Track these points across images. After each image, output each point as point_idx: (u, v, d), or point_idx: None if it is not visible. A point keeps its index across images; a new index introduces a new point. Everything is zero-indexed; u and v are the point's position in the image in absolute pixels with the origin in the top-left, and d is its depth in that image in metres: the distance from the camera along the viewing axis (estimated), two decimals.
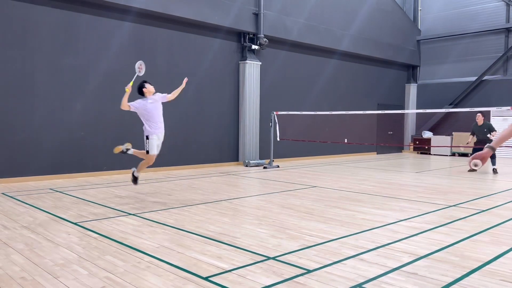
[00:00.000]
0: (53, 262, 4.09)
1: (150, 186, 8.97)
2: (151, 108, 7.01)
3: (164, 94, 7.23)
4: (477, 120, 12.29)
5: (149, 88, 7.07)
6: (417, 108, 19.96)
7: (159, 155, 7.36)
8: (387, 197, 7.79)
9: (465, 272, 3.82)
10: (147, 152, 7.10)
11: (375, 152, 18.75)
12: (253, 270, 3.87)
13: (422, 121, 20.07)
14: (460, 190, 8.75)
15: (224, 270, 3.87)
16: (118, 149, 7.45)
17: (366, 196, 7.93)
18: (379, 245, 4.68)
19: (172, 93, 7.37)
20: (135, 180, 7.37)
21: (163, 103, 7.31)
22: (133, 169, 7.40)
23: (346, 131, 16.60)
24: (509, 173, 12.08)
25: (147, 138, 7.09)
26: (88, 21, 10.19)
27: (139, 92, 7.09)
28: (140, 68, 7.28)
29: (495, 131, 12.10)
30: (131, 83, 6.94)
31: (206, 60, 12.53)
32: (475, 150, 12.36)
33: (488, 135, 12.04)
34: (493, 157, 12.24)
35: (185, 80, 7.59)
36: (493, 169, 12.04)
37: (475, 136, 12.41)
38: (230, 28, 12.71)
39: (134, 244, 4.68)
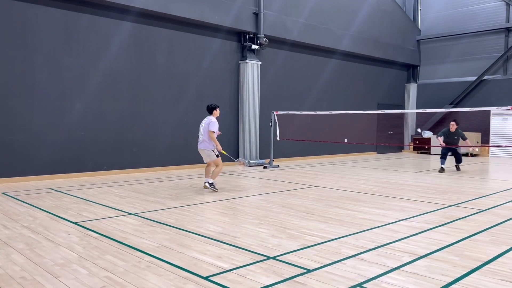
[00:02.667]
0: (53, 261, 4.09)
1: (150, 186, 8.97)
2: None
3: (211, 127, 8.13)
4: (450, 127, 12.17)
5: (218, 112, 8.48)
6: (417, 108, 19.96)
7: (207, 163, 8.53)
8: (387, 197, 7.79)
9: (465, 272, 3.83)
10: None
11: (375, 152, 18.76)
12: (253, 270, 3.87)
13: (422, 121, 20.07)
14: (460, 189, 8.75)
15: (224, 270, 3.87)
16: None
17: (366, 195, 7.93)
18: (379, 244, 4.68)
19: (212, 134, 8.14)
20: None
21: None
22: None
23: (346, 130, 16.60)
24: (509, 173, 12.08)
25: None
26: (88, 21, 10.19)
27: (212, 111, 8.36)
28: (241, 163, 8.54)
29: (466, 139, 12.24)
30: (225, 152, 8.65)
31: (206, 60, 12.53)
32: (447, 150, 12.30)
33: (458, 143, 12.21)
34: (458, 161, 12.31)
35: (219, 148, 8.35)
36: (456, 165, 12.30)
37: (442, 138, 12.22)
38: (230, 28, 12.71)
39: (134, 244, 4.68)
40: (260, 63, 13.61)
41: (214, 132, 8.05)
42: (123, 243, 4.70)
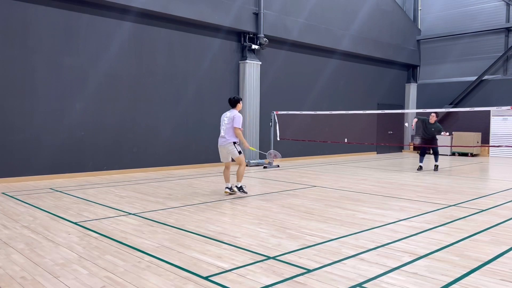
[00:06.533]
0: (53, 261, 4.09)
1: (150, 186, 8.97)
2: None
3: (236, 123, 7.58)
4: (430, 118, 12.34)
5: (241, 106, 7.98)
6: (417, 108, 19.96)
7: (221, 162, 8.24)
8: (387, 197, 7.79)
9: (465, 272, 3.83)
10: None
11: (375, 152, 18.76)
12: (253, 270, 3.87)
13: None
14: (460, 189, 8.75)
15: (224, 270, 3.87)
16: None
17: (366, 195, 7.93)
18: (379, 244, 4.68)
19: (239, 132, 7.64)
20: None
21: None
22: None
23: (346, 130, 16.60)
24: (509, 173, 12.07)
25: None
26: (88, 21, 10.19)
27: (234, 104, 7.77)
28: (273, 156, 8.63)
29: (443, 131, 12.54)
30: (253, 148, 8.67)
31: (206, 60, 12.53)
32: (425, 147, 12.63)
33: (437, 134, 12.40)
34: (436, 154, 12.55)
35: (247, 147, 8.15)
36: (435, 165, 12.40)
37: (416, 120, 12.50)
38: (230, 28, 12.71)
39: (134, 244, 4.68)
40: (260, 63, 13.61)
41: (240, 129, 7.52)
42: (123, 243, 4.70)
